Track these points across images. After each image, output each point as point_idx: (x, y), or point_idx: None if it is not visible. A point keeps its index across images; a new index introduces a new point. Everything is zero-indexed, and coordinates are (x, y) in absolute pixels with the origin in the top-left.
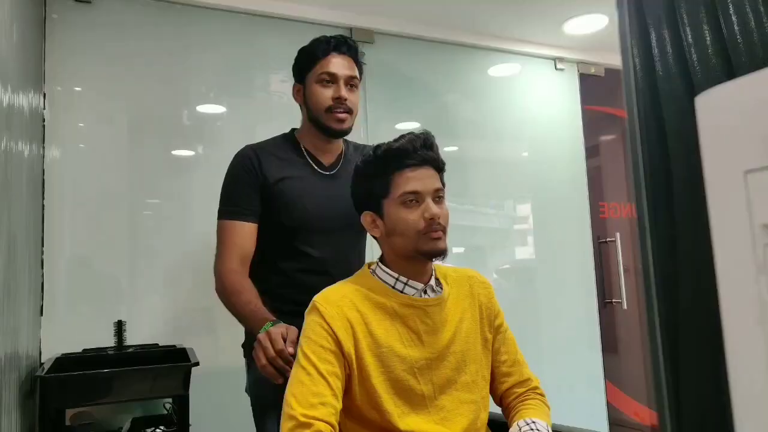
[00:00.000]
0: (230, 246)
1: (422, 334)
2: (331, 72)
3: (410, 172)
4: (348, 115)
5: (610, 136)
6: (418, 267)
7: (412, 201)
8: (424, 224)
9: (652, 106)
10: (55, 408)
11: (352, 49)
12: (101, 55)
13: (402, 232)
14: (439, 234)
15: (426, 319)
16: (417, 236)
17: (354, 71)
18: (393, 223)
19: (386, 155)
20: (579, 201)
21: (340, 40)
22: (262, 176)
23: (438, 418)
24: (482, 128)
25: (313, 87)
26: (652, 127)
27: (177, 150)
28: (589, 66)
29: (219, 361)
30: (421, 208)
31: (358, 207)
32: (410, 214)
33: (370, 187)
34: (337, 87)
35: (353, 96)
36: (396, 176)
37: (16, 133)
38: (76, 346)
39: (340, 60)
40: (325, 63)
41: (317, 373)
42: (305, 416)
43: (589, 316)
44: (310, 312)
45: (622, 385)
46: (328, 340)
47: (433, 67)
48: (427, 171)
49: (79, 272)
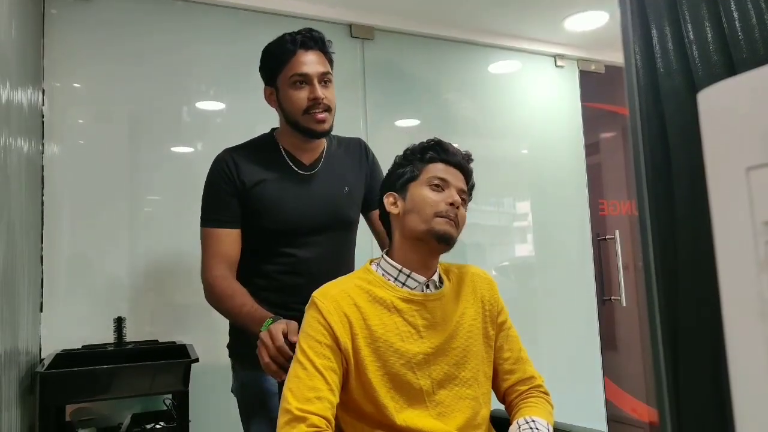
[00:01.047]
0: (214, 254)
1: (421, 329)
2: (302, 72)
3: (443, 166)
4: (327, 114)
5: (610, 133)
6: (425, 257)
7: (437, 186)
8: (444, 207)
9: (653, 102)
10: (55, 404)
11: (319, 41)
12: (100, 52)
13: (420, 209)
14: (453, 223)
15: (425, 313)
16: (432, 216)
17: (326, 66)
18: (414, 201)
19: (431, 144)
20: (578, 198)
21: (306, 36)
22: (239, 181)
23: (436, 413)
24: (482, 125)
25: (286, 91)
26: (653, 124)
27: (176, 147)
28: (589, 63)
29: (218, 357)
30: (444, 194)
31: (384, 189)
32: (433, 195)
33: (404, 171)
34: (311, 87)
35: (329, 92)
36: (431, 165)
37: (15, 129)
38: (76, 342)
39: (309, 57)
40: (294, 64)
41: (313, 368)
42: (300, 410)
43: (588, 314)
44: (309, 307)
45: (621, 382)
46: (324, 335)
47: (433, 64)
48: (459, 174)
49: (79, 268)
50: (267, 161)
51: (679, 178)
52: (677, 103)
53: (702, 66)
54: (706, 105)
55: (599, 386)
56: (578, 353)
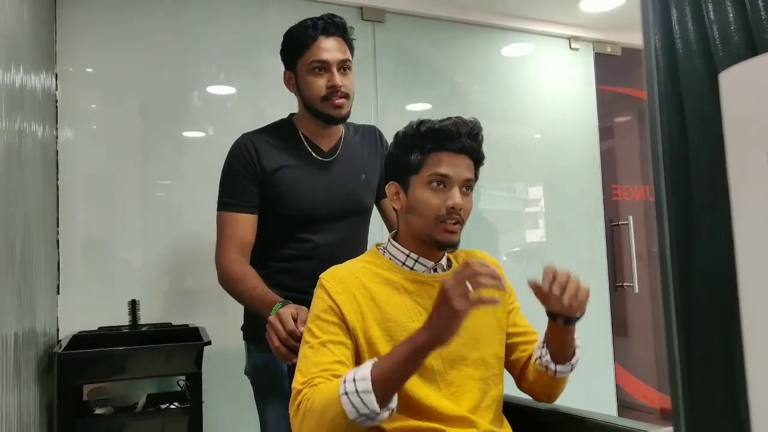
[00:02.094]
0: (229, 238)
1: (430, 310)
2: (321, 59)
3: (446, 156)
4: (345, 101)
5: (625, 117)
6: (429, 250)
7: (439, 184)
8: (445, 212)
9: (672, 84)
10: (72, 383)
11: (341, 28)
12: (112, 36)
13: (421, 213)
14: (456, 228)
15: (434, 294)
16: (434, 222)
17: (346, 53)
18: (415, 201)
19: (428, 133)
20: (592, 184)
21: (327, 22)
22: (259, 167)
23: (448, 393)
24: (494, 109)
25: (306, 77)
26: (672, 107)
27: (188, 131)
28: (605, 45)
29: (230, 340)
30: (445, 195)
31: (386, 175)
32: (433, 198)
33: (404, 160)
34: (330, 74)
35: (347, 80)
36: (432, 156)
37: (29, 113)
38: (92, 324)
39: (330, 43)
40: (314, 50)
41: (319, 344)
42: (304, 384)
43: (599, 300)
44: (316, 289)
45: (632, 368)
46: (331, 314)
47: (444, 47)
48: (463, 160)
49: (94, 252)
50: (287, 147)
51: (697, 161)
52: (697, 85)
53: (722, 47)
54: (728, 86)
55: (610, 372)
56: (589, 339)
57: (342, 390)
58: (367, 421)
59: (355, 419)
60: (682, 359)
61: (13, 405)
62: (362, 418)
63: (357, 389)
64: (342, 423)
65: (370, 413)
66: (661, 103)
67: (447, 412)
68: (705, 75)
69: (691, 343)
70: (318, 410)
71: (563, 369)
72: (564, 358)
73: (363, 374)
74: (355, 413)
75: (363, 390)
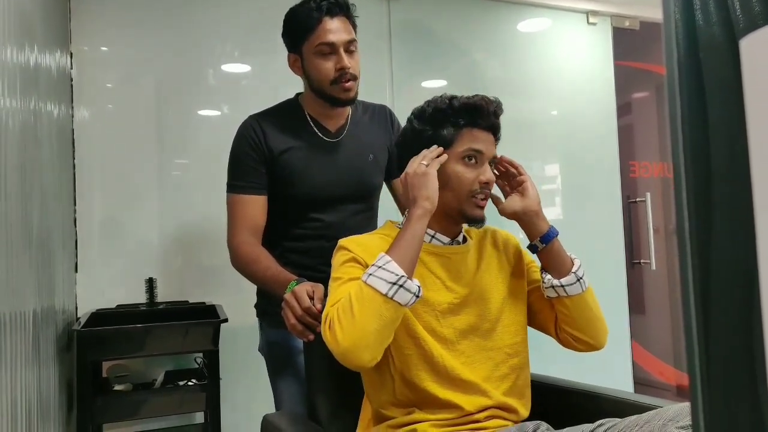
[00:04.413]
0: (240, 219)
1: (445, 280)
2: (329, 42)
3: (478, 131)
4: (353, 82)
5: (642, 93)
6: (450, 226)
7: (471, 159)
8: (478, 186)
9: (691, 56)
10: (92, 360)
11: (344, 6)
12: (126, 14)
13: (454, 188)
14: (485, 203)
15: (449, 265)
16: (467, 198)
17: (351, 33)
18: (448, 177)
19: (463, 108)
20: (609, 160)
21: (331, 2)
22: (267, 149)
23: (459, 362)
24: (510, 86)
25: (313, 60)
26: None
27: (203, 110)
28: (623, 19)
29: (246, 317)
30: (478, 170)
31: (405, 151)
32: (467, 173)
33: (433, 134)
34: (338, 57)
35: (354, 61)
36: (466, 131)
37: (44, 93)
38: (110, 302)
39: (335, 24)
40: (320, 32)
41: (348, 279)
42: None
43: (617, 277)
44: (336, 251)
45: (649, 345)
46: (354, 263)
47: (460, 23)
48: (490, 136)
49: (111, 230)
50: (293, 128)
51: (717, 133)
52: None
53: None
54: (749, 53)
55: (627, 349)
56: (606, 316)
57: (365, 277)
58: (400, 290)
59: (388, 292)
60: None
61: (32, 382)
62: (394, 288)
63: (378, 264)
64: (378, 302)
65: (398, 279)
66: (681, 75)
67: (462, 377)
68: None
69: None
70: (350, 306)
71: (568, 280)
72: (563, 273)
73: (378, 255)
74: (384, 284)
75: (383, 263)
